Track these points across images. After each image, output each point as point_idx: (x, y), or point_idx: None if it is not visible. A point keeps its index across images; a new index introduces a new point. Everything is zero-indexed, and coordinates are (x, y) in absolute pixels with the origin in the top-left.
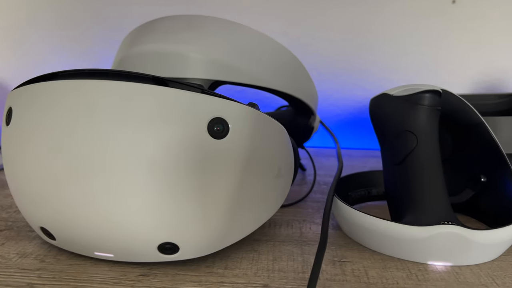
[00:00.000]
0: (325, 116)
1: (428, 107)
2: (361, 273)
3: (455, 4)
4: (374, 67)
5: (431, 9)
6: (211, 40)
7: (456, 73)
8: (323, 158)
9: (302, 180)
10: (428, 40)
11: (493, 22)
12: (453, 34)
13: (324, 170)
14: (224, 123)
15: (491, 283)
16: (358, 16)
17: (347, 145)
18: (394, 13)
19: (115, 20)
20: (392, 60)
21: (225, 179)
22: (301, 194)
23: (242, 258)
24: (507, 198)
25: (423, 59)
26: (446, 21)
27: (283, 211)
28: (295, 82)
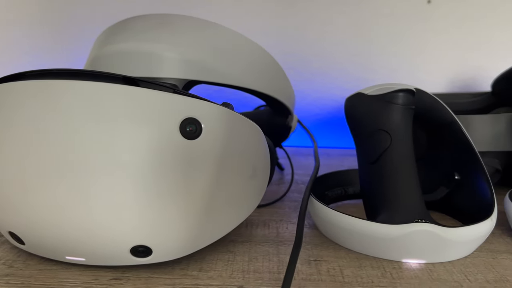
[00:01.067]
0: (303, 115)
1: (402, 106)
2: (336, 272)
3: (431, 4)
4: (351, 67)
5: (407, 9)
6: (185, 39)
7: (431, 72)
8: (301, 157)
9: (280, 179)
10: (404, 40)
11: (468, 22)
12: (429, 33)
13: (302, 169)
14: (196, 123)
15: (464, 279)
16: (335, 16)
17: (325, 144)
18: (371, 13)
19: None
20: (369, 59)
21: (199, 180)
22: (279, 194)
23: (217, 259)
24: (479, 195)
25: (399, 58)
26: (421, 21)
27: (260, 211)
28: (271, 81)
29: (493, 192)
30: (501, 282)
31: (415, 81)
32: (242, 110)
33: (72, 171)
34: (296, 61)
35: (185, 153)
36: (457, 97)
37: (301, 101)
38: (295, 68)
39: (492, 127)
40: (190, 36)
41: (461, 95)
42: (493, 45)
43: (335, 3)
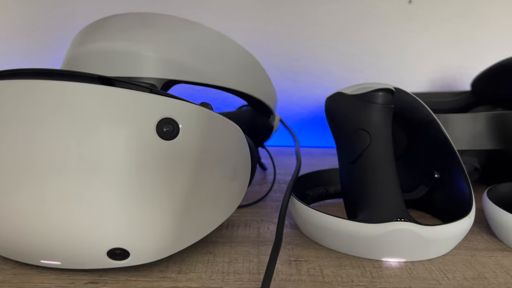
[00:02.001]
0: (286, 115)
1: (381, 105)
2: (316, 272)
3: (412, 4)
4: (334, 66)
5: (388, 9)
6: (164, 38)
7: (413, 71)
8: (284, 157)
9: (263, 179)
10: (386, 39)
11: (448, 22)
12: (410, 33)
13: (285, 169)
14: (174, 123)
15: (442, 277)
16: (318, 15)
17: (308, 143)
18: (353, 13)
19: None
20: (351, 59)
21: (177, 181)
22: (261, 194)
23: (197, 261)
24: (458, 194)
25: (381, 57)
26: (403, 21)
27: (242, 211)
28: (252, 81)
29: (472, 190)
30: (479, 280)
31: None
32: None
33: (47, 173)
34: (279, 61)
35: (162, 153)
36: (437, 96)
37: (284, 100)
38: (278, 67)
39: (471, 126)
40: (169, 35)
41: (441, 94)
42: (473, 45)
43: (318, 3)
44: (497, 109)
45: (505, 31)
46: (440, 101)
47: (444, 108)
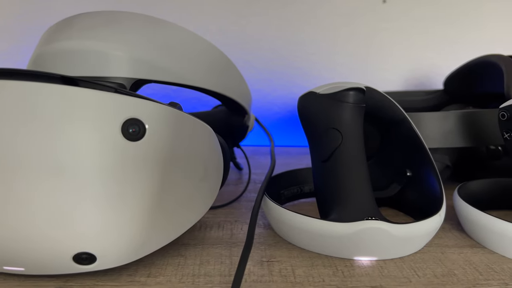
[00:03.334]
0: (263, 114)
1: (352, 105)
2: (288, 272)
3: (386, 3)
4: (310, 65)
5: (363, 9)
6: (133, 37)
7: (387, 70)
8: (261, 156)
9: (238, 179)
10: (361, 39)
11: (422, 21)
12: (384, 32)
13: (261, 168)
14: (140, 124)
15: (413, 275)
16: (293, 15)
17: (286, 143)
18: (328, 12)
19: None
20: (327, 58)
21: (144, 183)
22: (236, 194)
23: (167, 264)
24: (429, 191)
25: (357, 57)
26: (377, 20)
27: (216, 212)
28: (224, 80)
29: (442, 188)
30: (448, 277)
31: (372, 79)
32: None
33: (6, 175)
34: (255, 60)
35: (128, 155)
36: (411, 95)
37: (261, 100)
38: (254, 67)
39: (441, 124)
40: (138, 33)
41: (415, 93)
42: (446, 44)
43: (293, 2)
44: (468, 107)
45: (477, 31)
46: (413, 100)
47: (417, 107)
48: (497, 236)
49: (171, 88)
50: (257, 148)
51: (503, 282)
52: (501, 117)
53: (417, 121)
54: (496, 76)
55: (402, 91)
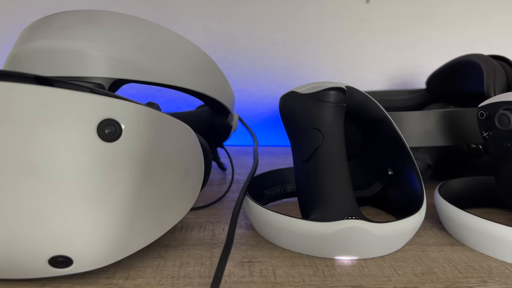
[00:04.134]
0: (249, 114)
1: (333, 104)
2: (269, 272)
3: (369, 3)
4: (295, 65)
5: (347, 9)
6: (112, 36)
7: (372, 70)
8: (246, 156)
9: (222, 179)
10: (345, 38)
11: (405, 21)
12: (368, 32)
13: (246, 168)
14: (116, 124)
15: (393, 274)
16: (278, 14)
17: (272, 142)
18: (313, 12)
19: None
20: (311, 57)
21: (122, 184)
22: (220, 195)
23: (146, 266)
24: (411, 190)
25: (341, 56)
26: (361, 20)
27: (198, 213)
28: (206, 80)
29: (423, 187)
30: (428, 275)
31: (356, 79)
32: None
33: None
34: (240, 60)
35: (104, 156)
36: (394, 94)
37: (246, 99)
38: (240, 67)
39: (423, 123)
40: (117, 33)
41: (398, 92)
42: (429, 44)
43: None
44: (450, 106)
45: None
46: (396, 99)
47: (400, 106)
48: (476, 234)
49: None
50: (242, 148)
51: (482, 280)
52: (479, 116)
53: (398, 120)
54: (476, 75)
55: (385, 91)
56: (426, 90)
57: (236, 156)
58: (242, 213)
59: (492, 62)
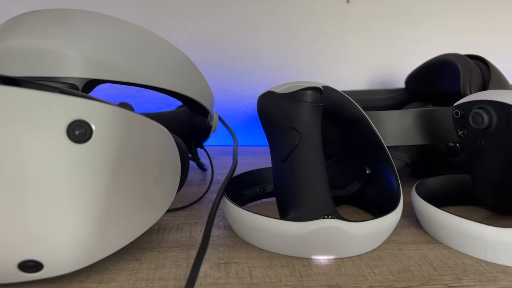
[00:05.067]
0: (230, 114)
1: (310, 104)
2: (245, 273)
3: (349, 3)
4: (276, 65)
5: (327, 9)
6: (86, 36)
7: (352, 70)
8: (227, 156)
9: (202, 180)
10: (326, 38)
11: (385, 21)
12: (348, 32)
13: (227, 169)
14: (86, 125)
15: (369, 272)
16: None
17: (254, 142)
18: (294, 12)
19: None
20: (292, 57)
21: (93, 186)
22: (199, 195)
23: (121, 269)
24: (388, 189)
25: (321, 56)
26: (341, 20)
27: (176, 214)
28: (184, 80)
29: (400, 185)
30: (404, 273)
31: (336, 78)
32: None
33: None
34: (221, 60)
35: (74, 157)
36: (374, 94)
37: (228, 99)
38: (220, 67)
39: (400, 122)
40: (91, 32)
41: (377, 92)
42: (408, 44)
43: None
44: (428, 105)
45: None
46: (376, 98)
47: (380, 106)
48: (451, 232)
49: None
50: (224, 148)
51: (456, 277)
52: (455, 115)
53: (376, 119)
54: (453, 74)
55: (365, 90)
56: (405, 89)
57: (217, 157)
58: (220, 214)
59: (468, 62)
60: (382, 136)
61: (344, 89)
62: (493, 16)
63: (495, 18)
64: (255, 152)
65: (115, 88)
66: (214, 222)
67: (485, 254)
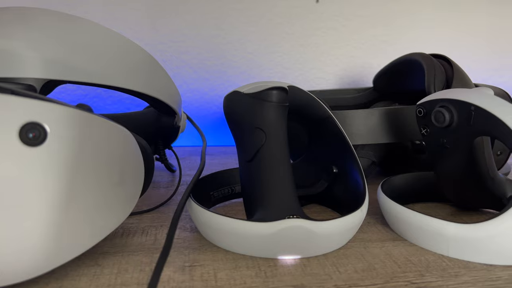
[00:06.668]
0: (202, 114)
1: (275, 104)
2: (210, 276)
3: (319, 3)
4: (246, 64)
5: (297, 8)
6: (44, 35)
7: (323, 70)
8: (197, 157)
9: (171, 182)
10: (296, 38)
11: (353, 21)
12: (319, 32)
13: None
14: (40, 128)
15: (334, 271)
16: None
17: (225, 142)
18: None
19: None
20: (263, 57)
21: (48, 190)
22: (166, 198)
23: (81, 275)
24: (354, 187)
25: (293, 56)
26: (311, 20)
27: (141, 217)
28: (148, 80)
29: (365, 184)
30: (368, 271)
31: (307, 78)
32: (134, 109)
33: None
34: (191, 60)
35: (27, 161)
36: (343, 93)
37: (199, 99)
38: (191, 66)
39: (366, 121)
40: (49, 31)
41: (347, 91)
42: (379, 43)
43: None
44: (395, 104)
45: (406, 29)
46: (345, 97)
47: (349, 105)
48: (415, 229)
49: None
50: (195, 148)
51: (420, 274)
52: (418, 114)
53: (343, 118)
54: (418, 73)
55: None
56: (373, 88)
57: (187, 157)
58: (188, 216)
59: (432, 61)
60: (348, 135)
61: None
62: (461, 16)
63: (463, 18)
64: (226, 152)
65: (82, 89)
66: (181, 224)
67: (447, 250)
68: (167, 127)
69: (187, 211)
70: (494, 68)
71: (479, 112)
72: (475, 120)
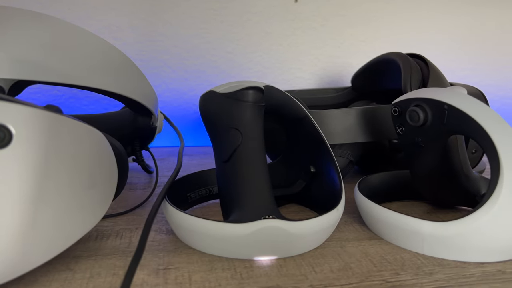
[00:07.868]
0: (181, 114)
1: (251, 104)
2: (184, 279)
3: (298, 3)
4: (227, 64)
5: (276, 7)
6: (12, 34)
7: (303, 69)
8: (176, 158)
9: (148, 183)
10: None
11: (332, 20)
12: (298, 31)
13: None
14: (4, 129)
15: (311, 271)
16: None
17: (204, 142)
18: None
19: None
20: (243, 57)
21: (14, 194)
22: (143, 200)
23: (52, 280)
24: (331, 186)
25: (272, 56)
26: (290, 20)
27: (116, 220)
28: (122, 80)
29: (342, 183)
30: (344, 270)
31: (287, 78)
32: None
33: None
34: (169, 59)
35: None
36: (321, 92)
37: (178, 99)
38: (169, 66)
39: (343, 121)
40: (18, 30)
41: (325, 90)
42: (357, 42)
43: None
44: (372, 103)
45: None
46: (323, 97)
47: (328, 104)
48: (390, 227)
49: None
50: (173, 149)
51: (395, 272)
52: (393, 113)
53: (320, 118)
54: (394, 73)
55: (313, 89)
56: (351, 88)
57: (166, 158)
58: (163, 218)
59: (409, 60)
60: (326, 135)
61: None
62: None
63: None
64: (206, 152)
65: (57, 89)
66: (156, 227)
67: (422, 248)
68: (143, 128)
69: (163, 213)
70: (469, 68)
71: (452, 111)
72: (448, 119)
